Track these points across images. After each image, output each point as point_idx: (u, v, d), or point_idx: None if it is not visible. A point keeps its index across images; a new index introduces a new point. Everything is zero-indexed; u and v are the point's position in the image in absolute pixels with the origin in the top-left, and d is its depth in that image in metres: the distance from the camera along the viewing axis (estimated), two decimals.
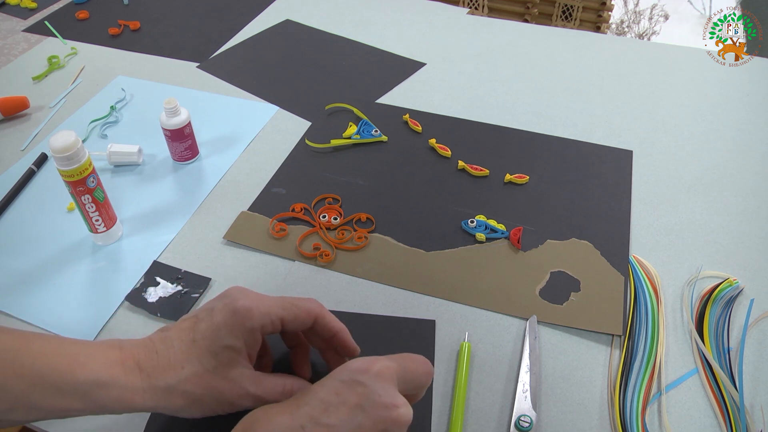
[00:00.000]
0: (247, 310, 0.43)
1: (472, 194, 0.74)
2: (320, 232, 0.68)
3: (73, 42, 1.06)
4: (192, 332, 0.43)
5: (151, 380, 0.42)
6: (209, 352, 0.42)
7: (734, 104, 0.90)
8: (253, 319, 0.43)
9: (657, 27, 2.68)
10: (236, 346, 0.43)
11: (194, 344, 0.43)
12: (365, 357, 0.40)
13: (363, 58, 1.01)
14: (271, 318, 0.44)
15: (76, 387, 0.40)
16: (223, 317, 0.43)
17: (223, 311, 0.43)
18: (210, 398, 0.42)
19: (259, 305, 0.44)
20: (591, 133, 0.84)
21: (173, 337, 0.44)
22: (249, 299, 0.44)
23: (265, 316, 0.44)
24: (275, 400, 0.43)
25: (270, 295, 0.46)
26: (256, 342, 0.44)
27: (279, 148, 0.81)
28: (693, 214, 0.71)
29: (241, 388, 0.43)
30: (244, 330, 0.43)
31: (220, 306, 0.44)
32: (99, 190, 0.64)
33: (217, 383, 0.42)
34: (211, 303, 0.45)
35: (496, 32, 1.09)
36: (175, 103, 0.73)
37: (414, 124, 0.84)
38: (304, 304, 0.46)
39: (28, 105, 0.89)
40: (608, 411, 0.52)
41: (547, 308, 0.60)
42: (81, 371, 0.41)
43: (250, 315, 0.43)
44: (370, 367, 0.39)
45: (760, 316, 0.60)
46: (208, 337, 0.43)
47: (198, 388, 0.42)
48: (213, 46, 1.05)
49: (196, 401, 0.42)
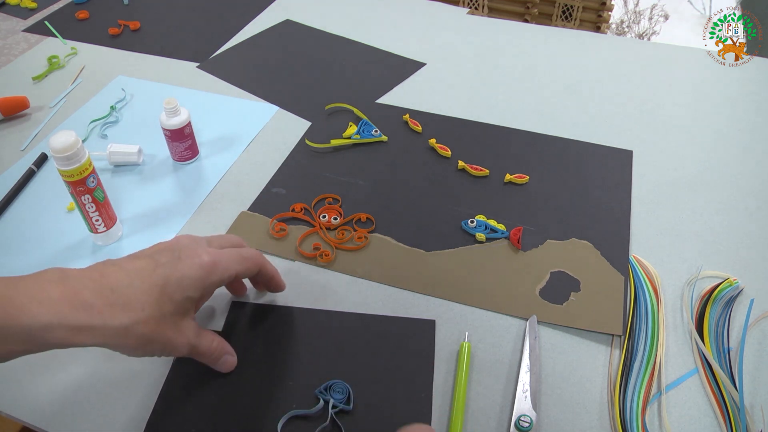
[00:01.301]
0: (212, 265, 0.47)
1: (472, 194, 0.74)
2: (320, 232, 0.68)
3: (73, 42, 1.06)
4: (154, 276, 0.44)
5: (104, 319, 0.41)
6: (171, 300, 0.44)
7: (734, 104, 0.90)
8: (216, 274, 0.47)
9: (657, 27, 2.68)
10: (195, 297, 0.46)
11: (159, 289, 0.44)
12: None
13: (363, 58, 1.01)
14: (230, 273, 0.48)
15: (18, 332, 0.39)
16: (190, 269, 0.45)
17: (191, 265, 0.46)
18: (159, 343, 0.44)
19: (221, 260, 0.48)
20: (591, 133, 0.84)
21: (132, 276, 0.44)
22: (211, 255, 0.47)
23: (225, 272, 0.48)
24: (205, 353, 0.49)
25: (221, 248, 0.50)
26: (210, 295, 0.49)
27: (279, 148, 0.81)
28: (693, 214, 0.71)
29: (186, 338, 0.46)
30: (207, 284, 0.46)
31: (186, 257, 0.46)
32: (99, 190, 0.64)
33: (168, 330, 0.44)
34: (167, 249, 0.47)
35: (496, 32, 1.09)
36: (175, 103, 0.73)
37: (414, 124, 0.84)
38: (252, 257, 0.51)
39: (28, 105, 0.89)
40: (608, 411, 0.52)
41: (547, 308, 0.60)
42: (23, 316, 0.39)
43: (214, 270, 0.47)
44: None
45: (760, 316, 0.60)
46: (174, 285, 0.44)
47: (152, 331, 0.43)
48: (213, 46, 1.05)
49: (147, 344, 0.43)
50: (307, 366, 0.55)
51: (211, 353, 0.50)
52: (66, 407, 0.52)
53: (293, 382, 0.54)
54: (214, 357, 0.50)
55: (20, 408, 0.52)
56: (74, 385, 0.54)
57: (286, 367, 0.55)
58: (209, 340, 0.49)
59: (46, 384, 0.54)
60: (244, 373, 0.54)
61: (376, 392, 0.53)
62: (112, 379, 0.54)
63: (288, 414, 0.51)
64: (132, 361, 0.55)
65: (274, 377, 0.54)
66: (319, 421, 0.50)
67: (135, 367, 0.55)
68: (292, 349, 0.56)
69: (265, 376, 0.54)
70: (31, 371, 0.55)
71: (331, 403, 0.51)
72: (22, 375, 0.55)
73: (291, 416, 0.51)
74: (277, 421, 0.50)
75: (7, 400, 0.53)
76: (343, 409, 0.51)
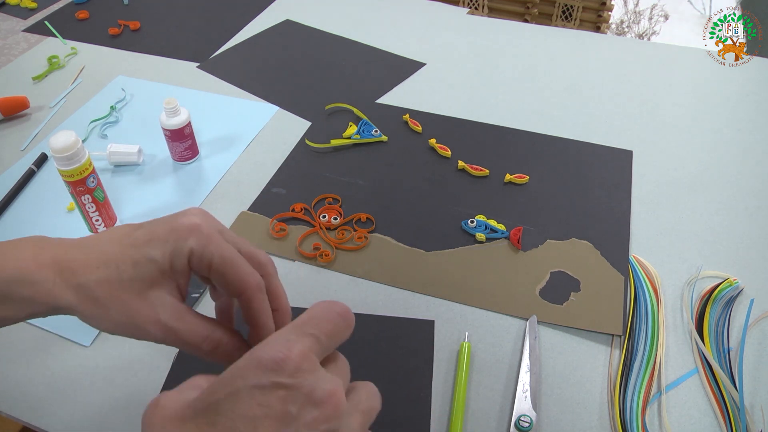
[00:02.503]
0: (191, 228, 0.37)
1: (472, 194, 0.74)
2: (320, 232, 0.68)
3: (73, 42, 1.06)
4: (127, 236, 0.38)
5: (65, 275, 0.37)
6: (131, 260, 0.37)
7: (734, 104, 0.90)
8: (191, 240, 0.37)
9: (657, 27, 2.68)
10: (159, 261, 0.37)
11: (120, 247, 0.38)
12: (275, 339, 0.31)
13: (363, 58, 1.01)
14: (214, 249, 0.37)
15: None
16: (161, 229, 0.38)
17: (165, 224, 0.38)
18: (118, 313, 0.37)
19: (206, 228, 0.38)
20: (591, 133, 0.84)
21: (107, 234, 0.39)
22: (199, 220, 0.38)
23: (207, 243, 0.37)
24: (193, 343, 0.37)
25: (232, 241, 0.39)
26: (183, 269, 0.37)
27: (279, 148, 0.81)
28: (693, 214, 0.71)
29: (154, 313, 0.37)
30: (176, 248, 0.37)
31: (169, 218, 0.39)
32: (99, 190, 0.64)
33: (128, 297, 0.37)
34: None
35: (496, 32, 1.09)
36: (175, 103, 0.73)
37: (414, 124, 0.84)
38: (258, 256, 0.39)
39: (28, 105, 0.89)
40: (608, 411, 0.52)
41: (547, 308, 0.60)
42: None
43: (191, 233, 0.37)
44: (286, 360, 0.30)
45: (760, 316, 0.60)
46: (137, 245, 0.37)
47: (107, 295, 0.37)
48: (213, 46, 1.05)
49: (104, 310, 0.37)
50: None
51: (204, 347, 0.38)
52: (66, 407, 0.52)
53: None
54: (215, 353, 0.38)
55: (20, 408, 0.52)
56: (75, 386, 0.54)
57: None
58: (200, 327, 0.38)
59: (46, 384, 0.54)
60: None
61: None
62: (113, 379, 0.54)
63: None
64: (133, 361, 0.56)
65: None
66: None
67: (137, 367, 0.55)
68: None
69: None
70: (31, 371, 0.55)
71: None
72: (22, 375, 0.55)
73: None
74: None
75: (7, 400, 0.53)
76: None
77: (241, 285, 0.37)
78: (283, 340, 0.31)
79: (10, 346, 0.57)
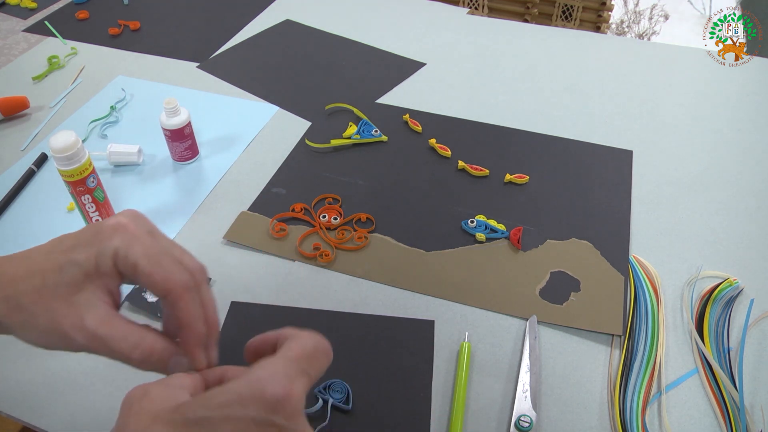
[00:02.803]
0: (115, 227, 0.36)
1: (472, 194, 0.74)
2: (320, 232, 0.68)
3: (73, 42, 1.06)
4: (57, 244, 0.37)
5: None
6: (57, 266, 0.36)
7: (734, 104, 0.90)
8: (110, 240, 0.35)
9: (657, 27, 2.68)
10: (83, 263, 0.35)
11: (48, 255, 0.37)
12: (277, 372, 0.31)
13: (363, 58, 1.01)
14: (129, 254, 0.35)
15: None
16: (88, 232, 0.37)
17: (92, 227, 0.37)
18: (45, 319, 0.35)
19: (131, 228, 0.36)
20: (591, 133, 0.84)
21: (40, 246, 0.38)
22: (125, 219, 0.36)
23: (128, 248, 0.35)
24: (123, 351, 0.35)
25: (162, 244, 0.37)
26: (110, 270, 0.36)
27: (279, 148, 0.81)
28: (693, 214, 0.71)
29: (78, 317, 0.35)
30: (98, 249, 0.35)
31: (98, 222, 0.38)
32: (99, 190, 0.64)
33: (55, 304, 0.35)
34: None
35: (496, 32, 1.09)
36: (175, 103, 0.73)
37: (414, 124, 0.84)
38: (187, 262, 0.36)
39: (28, 105, 0.89)
40: (608, 411, 0.52)
41: (547, 308, 0.60)
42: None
43: (115, 233, 0.35)
44: (288, 400, 0.31)
45: (760, 316, 0.60)
46: (63, 251, 0.36)
47: (33, 302, 0.35)
48: (213, 46, 1.05)
49: (31, 317, 0.36)
50: None
51: (135, 356, 0.35)
52: (66, 407, 0.52)
53: None
54: (147, 362, 0.36)
55: (20, 408, 0.52)
56: (75, 386, 0.54)
57: None
58: (129, 334, 0.35)
59: (46, 384, 0.54)
60: None
61: (375, 392, 0.53)
62: (113, 379, 0.54)
63: None
64: None
65: None
66: (319, 421, 0.50)
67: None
68: None
69: None
70: (30, 371, 0.55)
71: (331, 403, 0.51)
72: (22, 375, 0.55)
73: None
74: None
75: (7, 400, 0.53)
76: (342, 408, 0.51)
77: (166, 284, 0.35)
78: (285, 376, 0.31)
79: (10, 346, 0.57)
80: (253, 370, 0.31)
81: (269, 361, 0.32)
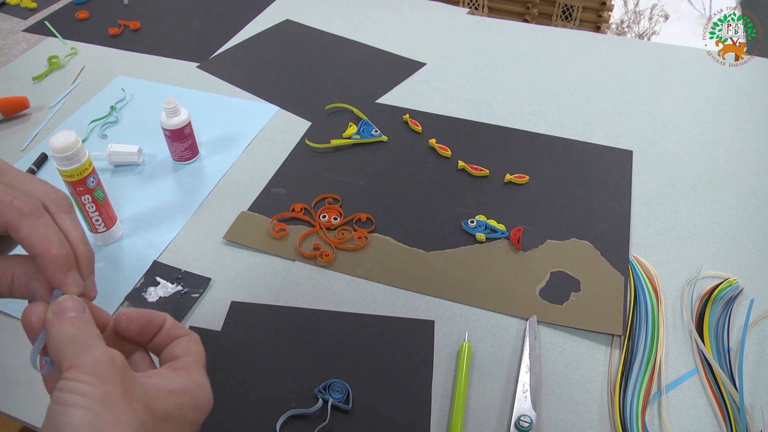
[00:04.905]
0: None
1: (472, 194, 0.74)
2: (320, 232, 0.68)
3: (73, 42, 1.06)
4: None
5: None
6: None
7: (734, 104, 0.90)
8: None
9: (657, 27, 2.68)
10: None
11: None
12: (204, 383, 0.36)
13: (363, 58, 1.01)
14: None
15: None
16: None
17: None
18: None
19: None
20: (591, 133, 0.84)
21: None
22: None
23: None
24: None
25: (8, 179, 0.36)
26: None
27: (279, 148, 0.81)
28: (693, 214, 0.71)
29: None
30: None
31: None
32: (99, 190, 0.64)
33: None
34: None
35: (496, 32, 1.09)
36: (175, 103, 0.73)
37: (414, 124, 0.84)
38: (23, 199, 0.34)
39: (28, 105, 0.89)
40: (608, 411, 0.52)
41: (547, 308, 0.60)
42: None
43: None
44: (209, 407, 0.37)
45: (760, 316, 0.60)
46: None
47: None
48: (213, 46, 1.05)
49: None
50: (307, 366, 0.55)
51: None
52: None
53: (292, 382, 0.54)
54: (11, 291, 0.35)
55: (20, 408, 0.52)
56: None
57: (285, 366, 0.55)
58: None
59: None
60: (244, 372, 0.54)
61: (375, 392, 0.53)
62: None
63: (287, 413, 0.51)
64: None
65: (274, 377, 0.54)
66: (319, 421, 0.50)
67: None
68: (292, 349, 0.56)
69: (265, 376, 0.54)
70: (31, 371, 0.55)
71: (330, 403, 0.51)
72: (22, 375, 0.55)
73: (290, 415, 0.51)
74: (276, 421, 0.50)
75: (7, 400, 0.53)
76: (342, 408, 0.51)
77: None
78: (207, 386, 0.37)
79: (10, 346, 0.57)
80: (194, 375, 0.36)
81: (198, 369, 0.37)
